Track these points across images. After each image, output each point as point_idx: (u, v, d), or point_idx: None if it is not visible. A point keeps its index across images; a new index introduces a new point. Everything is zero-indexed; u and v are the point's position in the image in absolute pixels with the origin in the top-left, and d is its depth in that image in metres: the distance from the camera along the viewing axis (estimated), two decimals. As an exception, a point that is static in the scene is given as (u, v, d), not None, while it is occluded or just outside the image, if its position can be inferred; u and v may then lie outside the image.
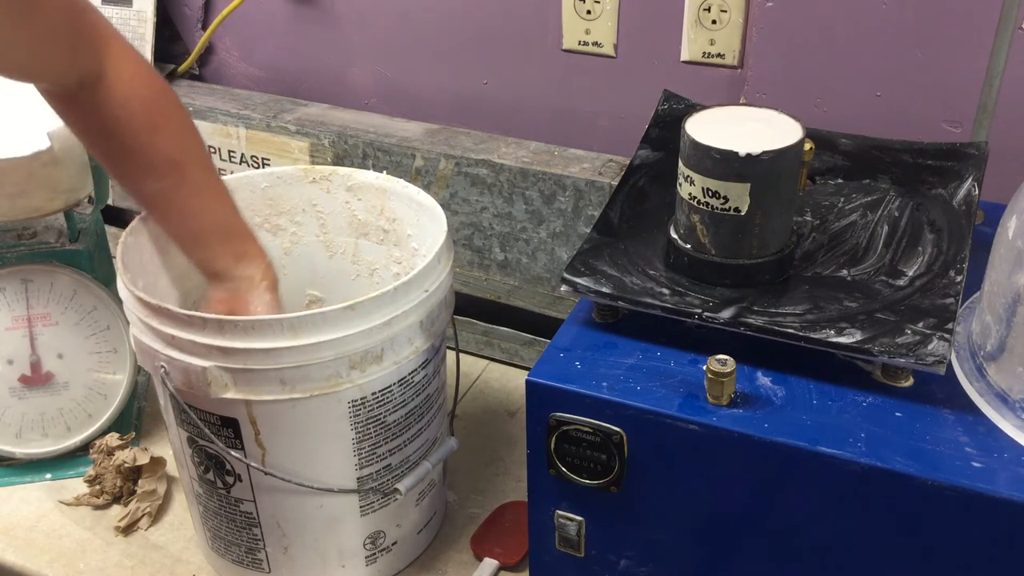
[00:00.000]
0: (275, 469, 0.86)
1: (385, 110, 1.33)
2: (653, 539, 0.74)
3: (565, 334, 0.76)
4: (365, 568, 0.95)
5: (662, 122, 0.94)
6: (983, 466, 0.63)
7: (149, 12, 1.38)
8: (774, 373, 0.71)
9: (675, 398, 0.69)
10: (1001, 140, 0.93)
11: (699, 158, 0.72)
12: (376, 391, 0.86)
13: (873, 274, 0.76)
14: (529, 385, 0.72)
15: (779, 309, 0.72)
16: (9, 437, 1.07)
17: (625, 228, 0.82)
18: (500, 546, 1.00)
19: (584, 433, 0.71)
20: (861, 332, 0.69)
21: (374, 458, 0.89)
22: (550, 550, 0.79)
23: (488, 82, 1.27)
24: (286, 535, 0.91)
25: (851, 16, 1.01)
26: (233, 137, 1.30)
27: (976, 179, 0.84)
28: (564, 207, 1.14)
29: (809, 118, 0.79)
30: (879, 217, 0.82)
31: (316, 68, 1.38)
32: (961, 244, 0.77)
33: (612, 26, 1.16)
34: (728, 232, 0.74)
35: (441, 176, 1.19)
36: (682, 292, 0.75)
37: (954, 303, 0.71)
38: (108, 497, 1.06)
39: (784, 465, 0.66)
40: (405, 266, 1.05)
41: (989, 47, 0.88)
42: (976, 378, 0.69)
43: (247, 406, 0.83)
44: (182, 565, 1.00)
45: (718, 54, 1.12)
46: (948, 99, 1.01)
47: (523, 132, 1.24)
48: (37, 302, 1.03)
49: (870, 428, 0.66)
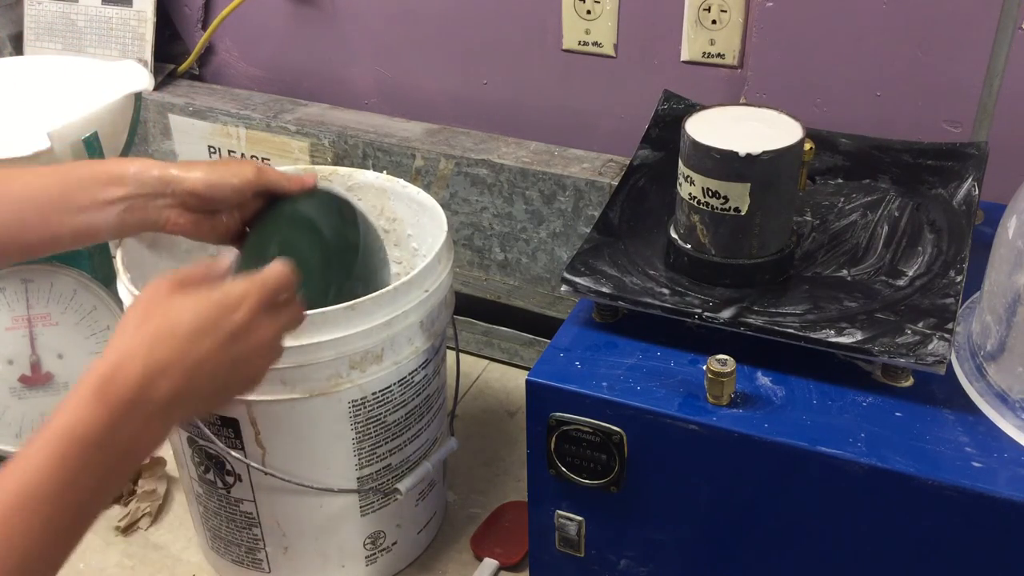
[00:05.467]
0: (275, 469, 0.86)
1: (385, 110, 1.33)
2: (653, 539, 0.74)
3: (565, 334, 0.76)
4: (365, 568, 0.95)
5: (662, 122, 0.94)
6: (983, 466, 0.63)
7: (149, 12, 1.38)
8: (774, 373, 0.71)
9: (675, 398, 0.69)
10: (1001, 140, 0.93)
11: (699, 158, 0.72)
12: (376, 391, 0.86)
13: (873, 274, 0.76)
14: (529, 385, 0.72)
15: (779, 309, 0.72)
16: (9, 437, 1.07)
17: (625, 228, 0.82)
18: (500, 546, 1.00)
19: (584, 433, 0.71)
20: (861, 332, 0.69)
21: (374, 458, 0.89)
22: (550, 550, 0.79)
23: (488, 82, 1.27)
24: (286, 535, 0.91)
25: (851, 16, 1.01)
26: (233, 137, 1.30)
27: (976, 179, 0.84)
28: (564, 207, 1.14)
29: (809, 118, 0.79)
30: (879, 217, 0.82)
31: (316, 68, 1.38)
32: (961, 244, 0.77)
33: (612, 26, 1.16)
34: (728, 232, 0.74)
35: (441, 176, 1.19)
36: (682, 292, 0.75)
37: (954, 303, 0.71)
38: (108, 497, 1.06)
39: (784, 465, 0.66)
40: (405, 266, 1.05)
41: (989, 47, 0.88)
42: (976, 378, 0.69)
43: (247, 406, 0.83)
44: (182, 565, 1.00)
45: (718, 54, 1.12)
46: (948, 99, 1.01)
47: (523, 132, 1.24)
48: (37, 302, 1.04)
49: (870, 428, 0.66)
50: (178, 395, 0.61)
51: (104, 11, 1.40)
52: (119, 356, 0.60)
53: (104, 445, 0.58)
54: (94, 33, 1.41)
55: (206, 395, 0.63)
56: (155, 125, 1.37)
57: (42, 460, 0.56)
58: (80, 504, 0.58)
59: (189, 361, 0.61)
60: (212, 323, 0.62)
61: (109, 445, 0.58)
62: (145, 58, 1.39)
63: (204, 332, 0.62)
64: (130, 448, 0.60)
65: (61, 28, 1.43)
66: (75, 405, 0.58)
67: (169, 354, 0.60)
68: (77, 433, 0.57)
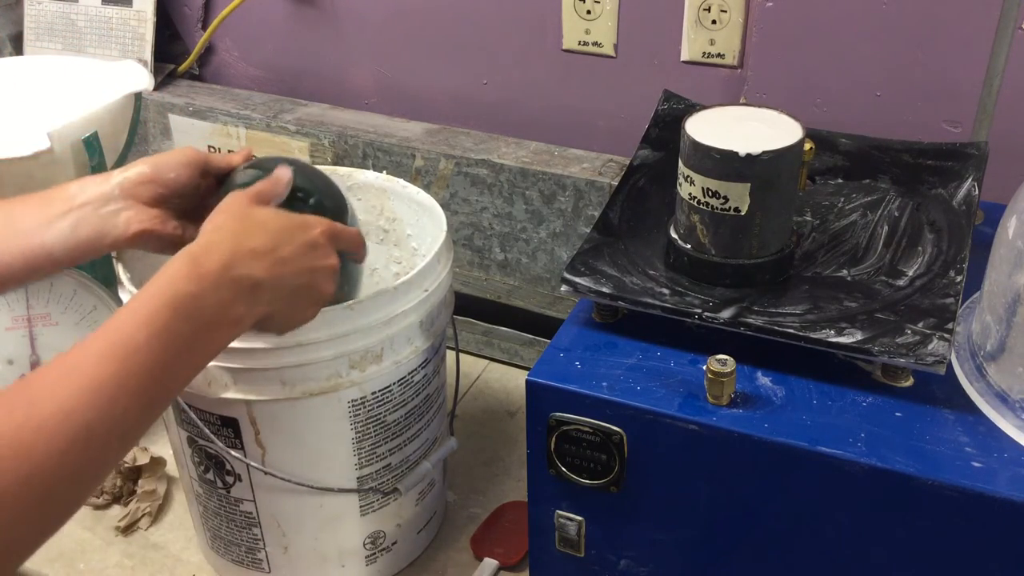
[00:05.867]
0: (275, 469, 0.86)
1: (385, 110, 1.33)
2: (653, 539, 0.74)
3: (565, 334, 0.76)
4: (365, 568, 0.95)
5: (662, 122, 0.94)
6: (983, 466, 0.63)
7: (149, 12, 1.38)
8: (774, 373, 0.71)
9: (675, 398, 0.69)
10: (1001, 140, 0.93)
11: (699, 158, 0.72)
12: (376, 391, 0.86)
13: (873, 274, 0.76)
14: (529, 385, 0.72)
15: (779, 309, 0.72)
16: (9, 437, 1.07)
17: (625, 228, 0.82)
18: (500, 546, 1.00)
19: (584, 433, 0.71)
20: (861, 332, 0.69)
21: (374, 458, 0.89)
22: (550, 550, 0.79)
23: (488, 82, 1.27)
24: (286, 535, 0.91)
25: (851, 16, 1.01)
26: (233, 137, 1.30)
27: (976, 179, 0.84)
28: (564, 207, 1.14)
29: (809, 118, 0.79)
30: (879, 217, 0.82)
31: (316, 68, 1.38)
32: (961, 244, 0.77)
33: (612, 26, 1.16)
34: (728, 232, 0.74)
35: (441, 176, 1.19)
36: (682, 292, 0.75)
37: (954, 303, 0.71)
38: (108, 497, 1.06)
39: (784, 465, 0.66)
40: (405, 266, 1.05)
41: (989, 47, 0.88)
42: (976, 378, 0.69)
43: (247, 406, 0.83)
44: (182, 565, 1.00)
45: (718, 54, 1.12)
46: (948, 99, 1.01)
47: (523, 132, 1.24)
48: (37, 302, 1.03)
49: (870, 428, 0.66)
50: (262, 282, 0.66)
51: (104, 11, 1.40)
52: (210, 238, 0.66)
53: (192, 314, 0.61)
54: (94, 33, 1.41)
55: (285, 295, 0.68)
56: (155, 125, 1.37)
57: (139, 318, 0.59)
58: (166, 367, 0.60)
59: (275, 255, 0.66)
60: (293, 231, 0.68)
61: (197, 314, 0.61)
62: (145, 58, 1.39)
63: (289, 235, 0.68)
64: (215, 320, 0.63)
65: (61, 28, 1.43)
66: (169, 276, 0.62)
67: (258, 243, 0.66)
68: (167, 298, 0.60)
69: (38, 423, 0.54)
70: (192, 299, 0.61)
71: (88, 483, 0.58)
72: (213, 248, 0.64)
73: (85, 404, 0.55)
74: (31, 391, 0.56)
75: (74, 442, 0.55)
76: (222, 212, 0.69)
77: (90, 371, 0.56)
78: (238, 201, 0.70)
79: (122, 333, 0.59)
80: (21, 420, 0.54)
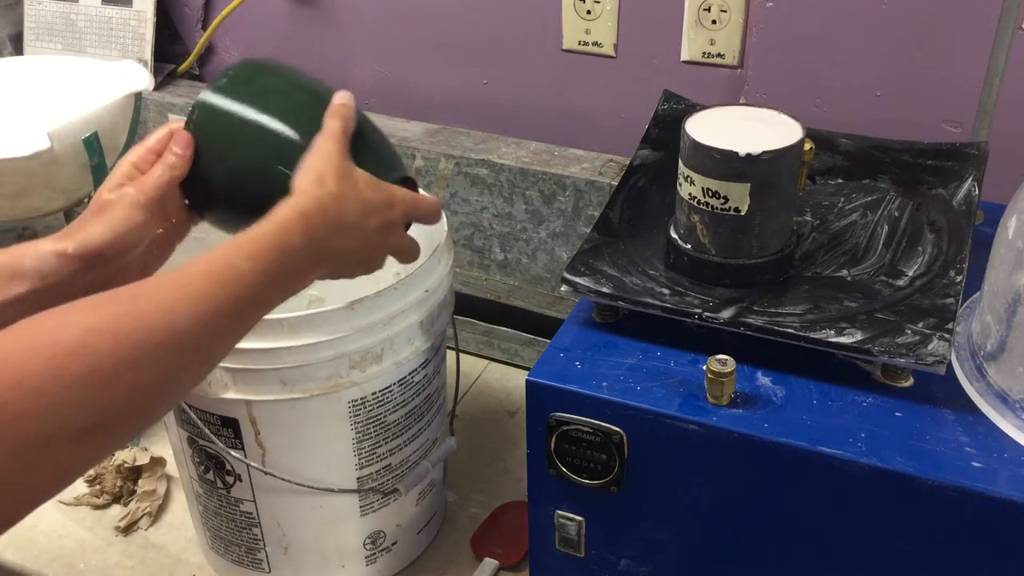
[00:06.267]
0: (275, 469, 0.86)
1: (385, 110, 1.33)
2: (653, 539, 0.74)
3: (565, 334, 0.76)
4: (365, 568, 0.95)
5: (662, 122, 0.94)
6: (983, 466, 0.63)
7: (149, 12, 1.38)
8: (774, 373, 0.71)
9: (675, 398, 0.69)
10: (1001, 140, 0.93)
11: (699, 158, 0.72)
12: (376, 391, 0.86)
13: (873, 274, 0.76)
14: (529, 385, 0.72)
15: (779, 309, 0.72)
16: (9, 437, 1.07)
17: (625, 228, 0.82)
18: (500, 546, 1.00)
19: (584, 433, 0.71)
20: (861, 332, 0.69)
21: (374, 458, 0.89)
22: (550, 550, 0.79)
23: (488, 82, 1.27)
24: (286, 535, 0.91)
25: (851, 16, 1.01)
26: (233, 137, 1.30)
27: (976, 179, 0.84)
28: (564, 207, 1.14)
29: (809, 118, 0.79)
30: (879, 217, 0.82)
31: (316, 68, 1.38)
32: (961, 244, 0.77)
33: (612, 26, 1.16)
34: (728, 232, 0.74)
35: (441, 176, 1.19)
36: (682, 292, 0.75)
37: (954, 303, 0.71)
38: (108, 497, 1.06)
39: (784, 465, 0.66)
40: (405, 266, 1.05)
41: (989, 47, 0.88)
42: (976, 378, 0.69)
43: (247, 406, 0.83)
44: (182, 565, 1.00)
45: (718, 54, 1.12)
46: (948, 99, 1.01)
47: (523, 132, 1.24)
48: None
49: (870, 428, 0.66)
50: (344, 252, 0.69)
51: (104, 11, 1.40)
52: (316, 194, 0.67)
53: (292, 264, 0.64)
54: (94, 33, 1.41)
55: (348, 262, 0.71)
56: (155, 125, 1.36)
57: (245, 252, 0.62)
58: (254, 301, 0.63)
59: (360, 230, 0.69)
60: (380, 209, 0.70)
61: (295, 265, 0.65)
62: (145, 58, 1.39)
63: (375, 211, 0.70)
64: (300, 274, 0.66)
65: (61, 28, 1.43)
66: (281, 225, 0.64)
67: (352, 217, 0.68)
68: (277, 242, 0.63)
69: (138, 314, 0.55)
70: (295, 253, 0.64)
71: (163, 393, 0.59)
72: (320, 211, 0.67)
73: (184, 310, 0.57)
74: (134, 290, 0.58)
75: (169, 337, 0.56)
76: (321, 158, 0.69)
77: (194, 284, 0.59)
78: (335, 151, 0.70)
79: (228, 261, 0.61)
80: (122, 310, 0.55)
